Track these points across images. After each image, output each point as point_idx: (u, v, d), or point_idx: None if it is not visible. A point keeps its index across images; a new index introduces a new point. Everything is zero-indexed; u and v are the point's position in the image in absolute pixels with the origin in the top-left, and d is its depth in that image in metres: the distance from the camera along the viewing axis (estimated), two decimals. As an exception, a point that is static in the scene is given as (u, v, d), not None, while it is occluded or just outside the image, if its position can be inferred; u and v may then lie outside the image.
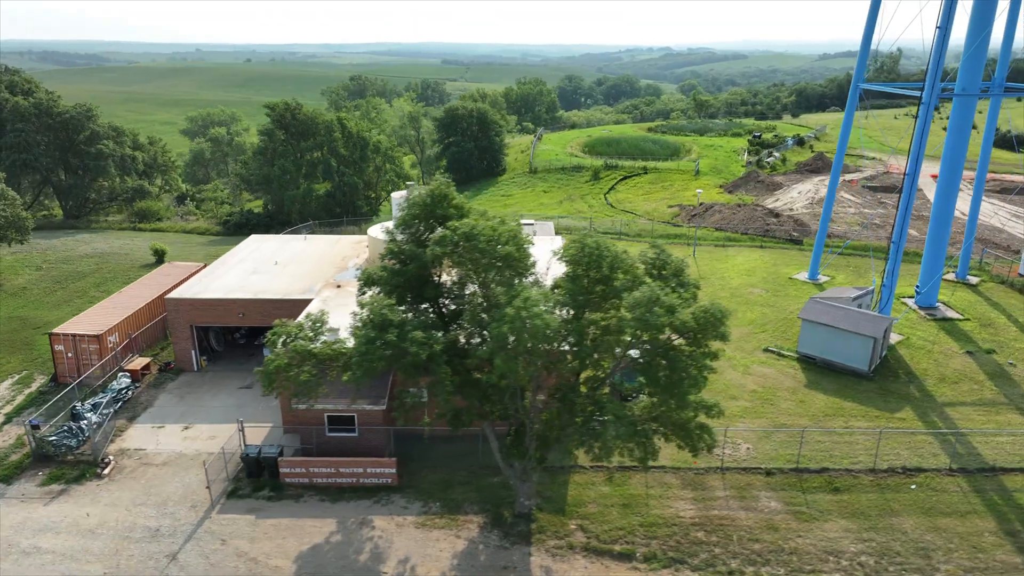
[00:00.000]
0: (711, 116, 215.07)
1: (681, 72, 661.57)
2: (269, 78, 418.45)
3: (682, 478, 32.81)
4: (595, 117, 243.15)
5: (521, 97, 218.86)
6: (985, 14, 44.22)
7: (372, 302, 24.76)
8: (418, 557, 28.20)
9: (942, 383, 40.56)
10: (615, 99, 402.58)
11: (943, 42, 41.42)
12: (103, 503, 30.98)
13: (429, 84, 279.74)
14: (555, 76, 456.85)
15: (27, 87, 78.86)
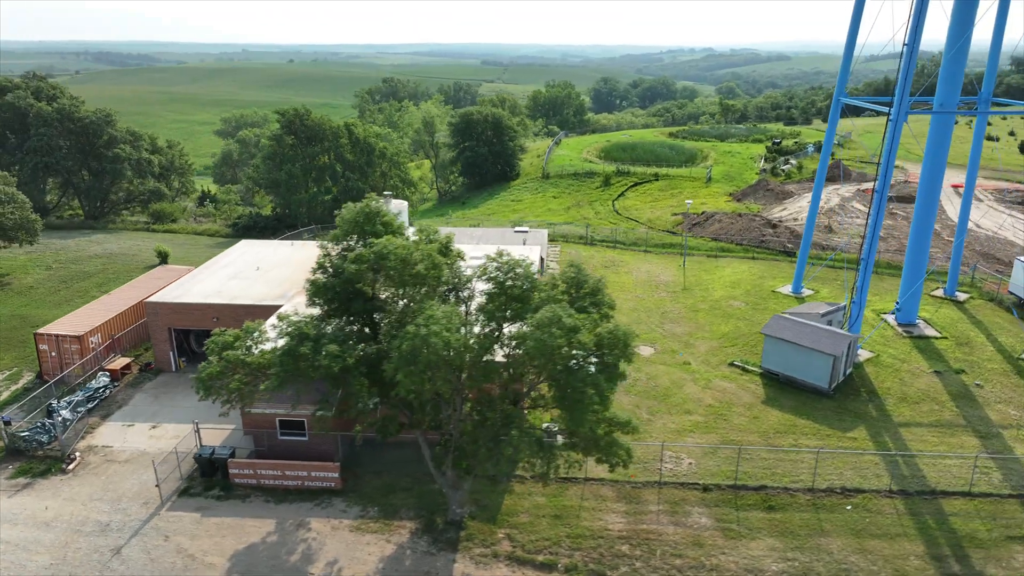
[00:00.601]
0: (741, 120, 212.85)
1: (722, 74, 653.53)
2: (308, 79, 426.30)
3: (618, 491, 33.36)
4: (625, 120, 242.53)
5: (549, 100, 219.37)
6: (962, 28, 43.68)
7: (289, 315, 26.01)
8: (346, 560, 29.37)
9: (903, 403, 40.25)
10: (651, 101, 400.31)
11: (910, 60, 41.06)
12: (62, 497, 32.87)
13: (461, 86, 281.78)
14: (592, 77, 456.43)
15: (52, 93, 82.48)
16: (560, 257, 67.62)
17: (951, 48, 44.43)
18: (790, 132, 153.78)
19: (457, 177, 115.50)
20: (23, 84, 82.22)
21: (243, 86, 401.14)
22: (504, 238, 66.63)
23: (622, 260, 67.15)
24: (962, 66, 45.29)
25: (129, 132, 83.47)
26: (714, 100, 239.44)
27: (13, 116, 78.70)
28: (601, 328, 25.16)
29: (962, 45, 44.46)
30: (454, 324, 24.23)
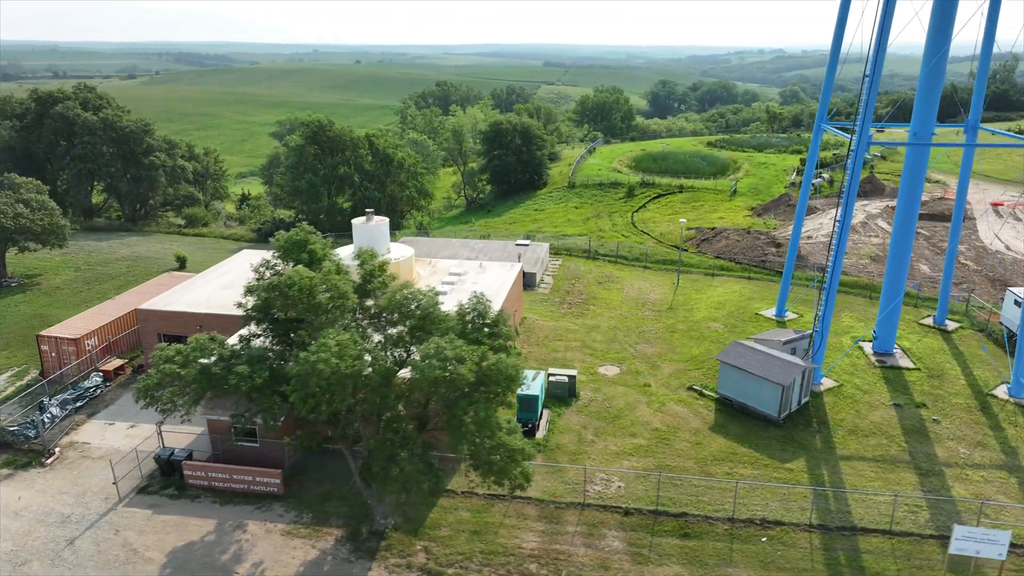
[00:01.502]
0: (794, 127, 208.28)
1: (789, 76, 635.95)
2: (370, 80, 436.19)
3: (542, 510, 34.66)
4: (676, 126, 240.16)
5: (597, 105, 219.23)
6: (938, 43, 43.06)
7: (200, 337, 28.42)
8: (271, 562, 31.66)
9: (851, 435, 40.14)
10: (710, 105, 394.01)
11: (871, 90, 40.84)
12: (36, 489, 36.29)
13: (513, 89, 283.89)
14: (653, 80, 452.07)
15: (98, 103, 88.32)
16: (557, 272, 68.78)
17: (927, 64, 43.67)
18: (835, 142, 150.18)
19: (485, 185, 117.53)
20: (73, 95, 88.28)
21: (308, 87, 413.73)
22: (504, 251, 68.36)
23: (619, 276, 67.86)
24: (938, 88, 44.48)
25: (165, 140, 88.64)
26: (771, 105, 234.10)
27: (63, 125, 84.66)
28: (488, 361, 26.56)
29: (938, 62, 43.76)
30: (348, 351, 26.10)
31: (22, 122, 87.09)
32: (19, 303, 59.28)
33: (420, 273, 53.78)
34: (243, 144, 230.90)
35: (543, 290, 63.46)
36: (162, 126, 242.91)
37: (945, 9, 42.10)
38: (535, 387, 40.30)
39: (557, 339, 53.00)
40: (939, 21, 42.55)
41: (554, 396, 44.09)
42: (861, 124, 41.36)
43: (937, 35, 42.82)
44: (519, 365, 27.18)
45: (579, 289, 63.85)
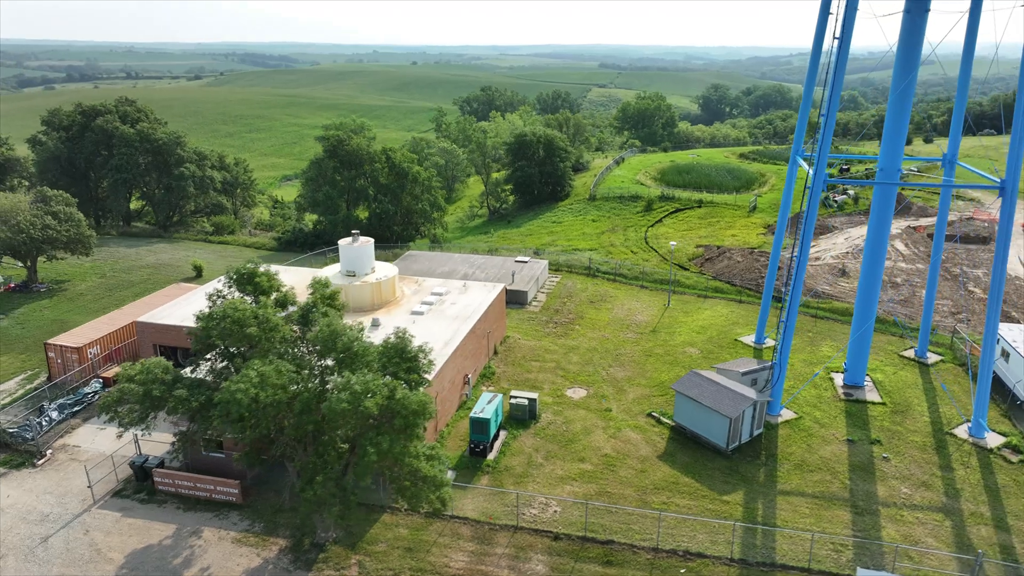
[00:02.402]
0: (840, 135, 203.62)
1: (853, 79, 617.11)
2: (423, 83, 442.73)
3: (476, 531, 36.45)
4: (721, 133, 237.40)
5: (638, 112, 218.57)
6: (904, 82, 43.10)
7: (145, 360, 31.17)
8: (217, 568, 34.32)
9: (796, 470, 40.64)
10: (764, 109, 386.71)
11: (827, 128, 41.21)
12: (24, 488, 39.92)
13: (560, 94, 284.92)
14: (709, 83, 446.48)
15: (136, 116, 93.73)
16: (553, 290, 70.20)
17: (895, 90, 43.64)
18: (874, 153, 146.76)
19: (508, 195, 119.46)
20: (113, 108, 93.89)
21: (361, 89, 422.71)
22: (503, 268, 70.33)
23: (612, 295, 68.92)
24: (906, 117, 44.32)
25: (196, 152, 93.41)
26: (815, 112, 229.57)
27: (102, 137, 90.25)
28: (397, 396, 28.46)
29: (906, 89, 43.68)
30: (270, 381, 28.44)
31: (68, 133, 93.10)
32: (44, 308, 64.06)
33: (405, 292, 56.06)
34: (292, 147, 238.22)
35: (534, 308, 65.03)
36: (217, 128, 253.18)
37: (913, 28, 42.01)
38: (488, 410, 42.06)
39: (534, 359, 54.59)
40: (907, 47, 42.53)
41: (515, 418, 45.74)
42: (817, 161, 41.77)
43: (905, 61, 42.80)
44: (424, 400, 28.97)
45: (569, 308, 65.21)
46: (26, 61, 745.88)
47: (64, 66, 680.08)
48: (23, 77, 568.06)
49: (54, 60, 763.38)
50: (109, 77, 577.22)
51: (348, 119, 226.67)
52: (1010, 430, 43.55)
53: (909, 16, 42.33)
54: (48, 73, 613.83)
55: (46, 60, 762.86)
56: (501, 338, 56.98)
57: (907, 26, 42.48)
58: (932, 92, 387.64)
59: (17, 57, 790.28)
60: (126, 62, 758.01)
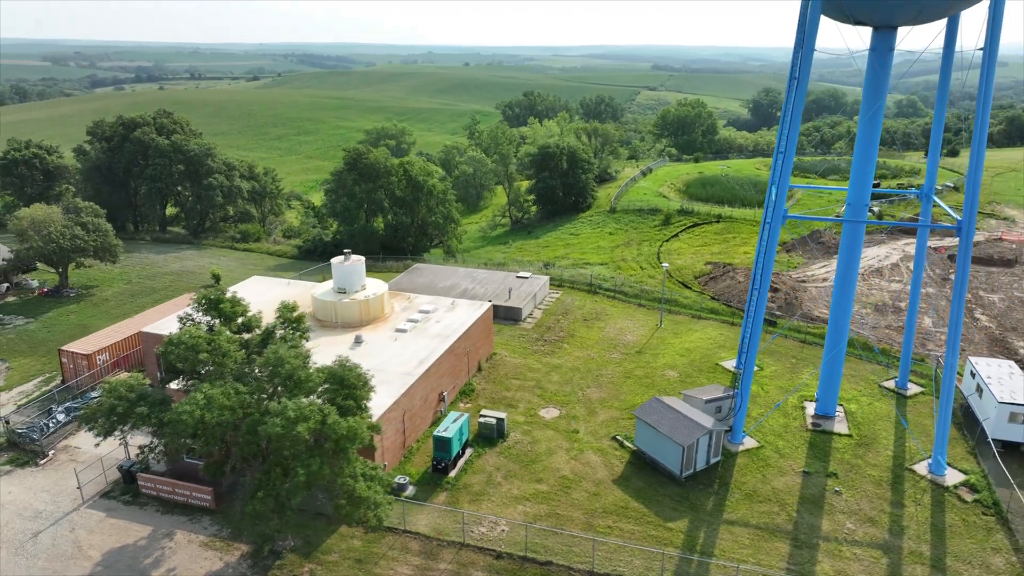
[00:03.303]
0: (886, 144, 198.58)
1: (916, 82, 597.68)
2: (472, 85, 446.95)
3: (425, 546, 38.49)
4: (764, 140, 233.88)
5: (678, 119, 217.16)
6: (872, 109, 43.44)
7: (115, 379, 34.16)
8: (182, 569, 37.22)
9: (746, 500, 41.42)
10: (816, 114, 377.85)
11: (785, 163, 41.86)
12: (24, 486, 43.69)
13: (603, 99, 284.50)
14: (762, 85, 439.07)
15: (172, 127, 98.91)
16: (550, 306, 71.71)
17: (864, 115, 43.90)
18: (909, 168, 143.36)
19: (531, 206, 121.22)
20: (151, 120, 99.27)
21: (411, 91, 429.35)
22: (504, 283, 72.30)
23: (608, 313, 70.09)
24: (874, 148, 44.49)
25: (225, 163, 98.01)
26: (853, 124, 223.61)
27: (139, 147, 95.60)
28: (328, 421, 30.68)
29: (872, 123, 44.00)
30: (217, 403, 31.03)
31: (109, 143, 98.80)
32: (71, 313, 68.80)
33: (395, 308, 58.48)
34: (336, 150, 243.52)
35: (527, 325, 66.72)
36: (267, 130, 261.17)
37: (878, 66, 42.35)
38: (452, 429, 44.05)
39: (515, 377, 56.36)
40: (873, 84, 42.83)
41: (483, 436, 47.63)
42: (776, 200, 42.43)
43: (871, 96, 43.10)
44: (354, 426, 31.10)
45: (562, 326, 66.69)
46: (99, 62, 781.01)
47: (134, 67, 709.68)
48: (96, 78, 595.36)
49: (125, 61, 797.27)
50: (174, 78, 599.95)
51: (390, 123, 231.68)
52: (972, 468, 43.38)
53: (875, 54, 42.63)
54: (119, 74, 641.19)
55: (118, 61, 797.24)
56: (487, 355, 58.89)
57: (872, 64, 42.77)
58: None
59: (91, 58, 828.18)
60: (191, 63, 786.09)
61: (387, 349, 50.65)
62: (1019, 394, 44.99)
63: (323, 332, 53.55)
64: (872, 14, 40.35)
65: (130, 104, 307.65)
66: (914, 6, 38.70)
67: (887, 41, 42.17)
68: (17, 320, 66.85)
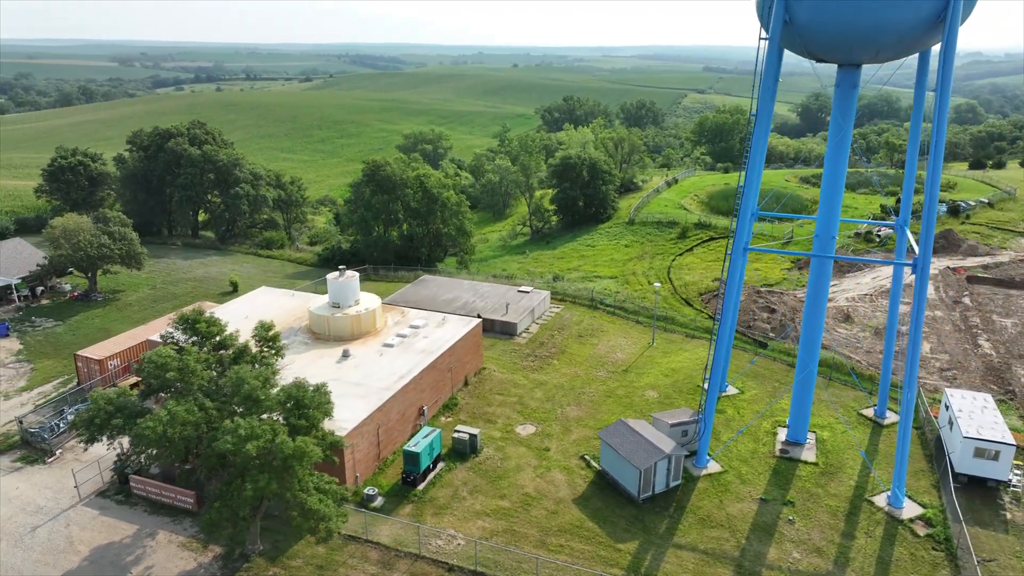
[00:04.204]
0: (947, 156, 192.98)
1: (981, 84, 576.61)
2: (517, 87, 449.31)
3: (383, 556, 40.73)
4: (806, 148, 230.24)
5: (715, 126, 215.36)
6: (840, 134, 43.99)
7: (97, 392, 37.30)
8: (159, 568, 40.26)
9: (699, 525, 42.47)
10: (868, 120, 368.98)
11: (747, 194, 42.72)
12: (31, 482, 47.52)
13: (644, 104, 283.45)
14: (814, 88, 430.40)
15: (204, 138, 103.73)
16: (548, 321, 73.26)
17: (829, 156, 44.44)
18: (945, 183, 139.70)
19: (551, 216, 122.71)
20: (185, 131, 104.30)
21: (457, 93, 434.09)
22: (504, 297, 74.24)
23: (603, 330, 71.33)
24: (840, 186, 44.98)
25: (252, 173, 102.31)
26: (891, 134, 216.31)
27: (172, 157, 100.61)
28: (277, 441, 33.09)
29: (839, 155, 44.48)
30: (179, 418, 33.79)
31: (146, 152, 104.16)
32: (96, 316, 73.41)
33: (388, 322, 60.93)
34: (378, 153, 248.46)
35: (521, 340, 68.48)
36: (311, 133, 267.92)
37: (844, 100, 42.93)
38: (422, 444, 46.20)
39: (499, 393, 58.23)
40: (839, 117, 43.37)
41: (457, 451, 49.66)
42: (737, 232, 43.33)
43: (838, 129, 43.65)
44: (301, 445, 33.43)
45: (555, 342, 68.26)
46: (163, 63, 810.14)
47: (194, 67, 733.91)
48: (158, 78, 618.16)
49: (187, 61, 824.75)
50: (231, 78, 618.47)
51: (429, 128, 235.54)
52: (932, 502, 43.52)
53: (839, 90, 43.17)
54: (180, 74, 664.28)
55: (180, 62, 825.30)
56: (476, 370, 60.89)
57: (838, 98, 43.31)
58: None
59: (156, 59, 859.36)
60: (249, 63, 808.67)
61: (372, 363, 53.10)
62: (987, 429, 44.86)
63: (316, 345, 56.32)
64: (831, 53, 40.96)
65: (185, 106, 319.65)
66: (870, 48, 39.20)
67: (851, 78, 42.71)
68: (47, 323, 71.73)
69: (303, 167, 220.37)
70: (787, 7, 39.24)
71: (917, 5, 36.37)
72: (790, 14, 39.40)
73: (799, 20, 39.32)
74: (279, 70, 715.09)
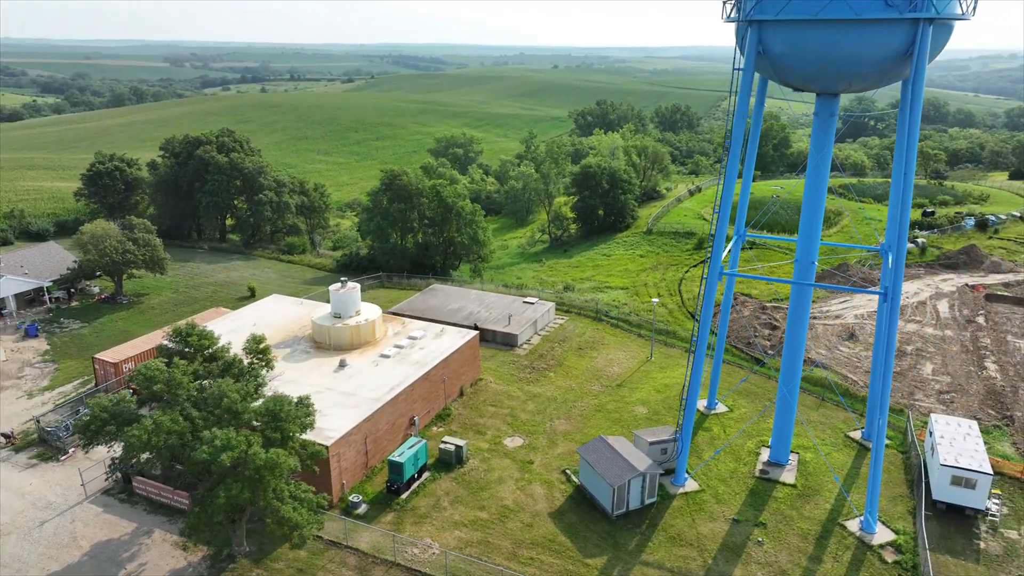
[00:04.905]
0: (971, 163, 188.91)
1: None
2: (555, 89, 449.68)
3: (361, 562, 42.60)
4: (841, 155, 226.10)
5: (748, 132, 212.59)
6: (816, 184, 44.42)
7: (95, 399, 39.92)
8: (151, 565, 42.79)
9: (668, 543, 43.36)
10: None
11: (721, 220, 43.44)
12: (43, 479, 50.67)
13: (679, 108, 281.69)
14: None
15: (232, 146, 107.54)
16: (551, 333, 74.45)
17: (810, 182, 44.86)
18: (979, 194, 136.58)
19: (570, 224, 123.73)
20: (214, 139, 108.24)
21: (494, 95, 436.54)
22: (510, 308, 75.78)
23: (604, 343, 72.28)
24: (819, 212, 45.37)
25: (276, 180, 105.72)
26: (977, 134, 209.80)
27: (201, 164, 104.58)
28: (250, 452, 35.14)
29: (818, 180, 44.90)
30: (164, 428, 36.11)
31: (177, 159, 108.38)
32: (120, 319, 77.10)
33: (388, 332, 62.92)
34: (411, 156, 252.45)
35: (522, 351, 69.84)
36: (347, 135, 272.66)
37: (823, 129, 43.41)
38: (407, 454, 48.00)
39: (492, 404, 59.74)
40: (817, 145, 43.81)
41: (443, 462, 51.35)
42: (712, 256, 44.08)
43: (817, 155, 44.07)
44: (272, 457, 35.42)
45: (554, 354, 69.46)
46: (211, 63, 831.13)
47: (241, 67, 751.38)
48: (207, 78, 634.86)
49: (234, 62, 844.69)
50: (275, 79, 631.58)
51: (459, 132, 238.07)
52: (906, 528, 43.66)
53: (818, 118, 43.61)
54: (227, 75, 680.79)
55: (228, 62, 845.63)
56: (472, 380, 62.49)
57: (816, 126, 43.75)
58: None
59: (205, 59, 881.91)
60: (294, 63, 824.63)
61: (366, 374, 55.12)
62: (965, 457, 44.79)
63: (316, 354, 58.58)
64: (805, 83, 41.47)
65: (228, 107, 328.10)
66: (842, 80, 39.66)
67: (829, 106, 43.14)
68: (73, 324, 75.64)
69: (337, 169, 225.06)
70: (760, 39, 39.97)
71: (885, 40, 36.78)
72: (763, 46, 40.13)
73: (772, 52, 40.02)
74: (323, 71, 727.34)
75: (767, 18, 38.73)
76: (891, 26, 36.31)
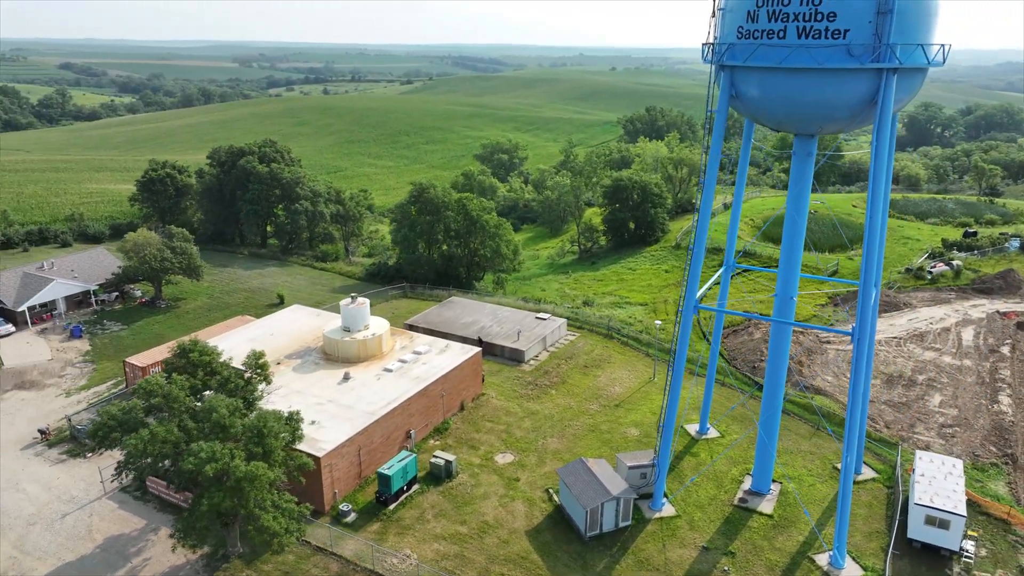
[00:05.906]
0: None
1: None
2: (609, 92, 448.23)
3: (343, 568, 45.36)
4: (897, 166, 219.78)
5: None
6: (796, 218, 45.08)
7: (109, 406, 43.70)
8: (155, 560, 46.51)
9: (635, 566, 44.72)
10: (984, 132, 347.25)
11: (697, 251, 44.52)
12: (70, 474, 55.21)
13: (731, 115, 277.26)
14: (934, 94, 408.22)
15: (273, 156, 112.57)
16: (560, 349, 76.10)
17: (790, 217, 45.54)
18: (1015, 210, 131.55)
19: (600, 236, 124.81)
20: (256, 149, 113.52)
21: (548, 98, 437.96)
22: (521, 323, 77.88)
23: (610, 361, 73.57)
24: (798, 248, 45.95)
25: (312, 190, 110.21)
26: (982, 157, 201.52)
27: (243, 174, 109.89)
28: (232, 464, 38.18)
29: (798, 214, 45.47)
30: (159, 437, 39.54)
31: (222, 168, 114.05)
32: (157, 323, 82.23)
33: (395, 347, 65.72)
34: (459, 160, 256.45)
35: (528, 368, 71.74)
36: (398, 139, 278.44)
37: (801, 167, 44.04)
38: (396, 467, 50.61)
39: (490, 420, 61.90)
40: (796, 183, 44.46)
41: (433, 475, 53.79)
42: (687, 289, 45.21)
43: (796, 192, 44.71)
44: (252, 470, 38.35)
45: (559, 372, 71.14)
46: (278, 63, 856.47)
47: (306, 68, 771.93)
48: (272, 79, 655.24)
49: (300, 62, 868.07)
50: (337, 79, 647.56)
51: (505, 137, 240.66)
52: (875, 565, 43.96)
53: (796, 157, 44.27)
54: (292, 75, 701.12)
55: (294, 63, 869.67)
56: (474, 395, 64.78)
57: (795, 164, 44.41)
58: None
59: (272, 60, 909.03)
60: (356, 64, 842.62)
61: (368, 387, 58.01)
62: (940, 497, 44.77)
63: (325, 366, 61.81)
64: (779, 125, 42.28)
65: (287, 109, 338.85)
66: (813, 123, 40.39)
67: (806, 146, 43.78)
68: (114, 326, 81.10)
69: (385, 173, 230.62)
70: (732, 83, 41.01)
71: (850, 88, 37.45)
72: (736, 89, 41.16)
73: (744, 96, 41.05)
74: (383, 71, 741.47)
75: (737, 64, 39.78)
76: (855, 75, 36.95)
